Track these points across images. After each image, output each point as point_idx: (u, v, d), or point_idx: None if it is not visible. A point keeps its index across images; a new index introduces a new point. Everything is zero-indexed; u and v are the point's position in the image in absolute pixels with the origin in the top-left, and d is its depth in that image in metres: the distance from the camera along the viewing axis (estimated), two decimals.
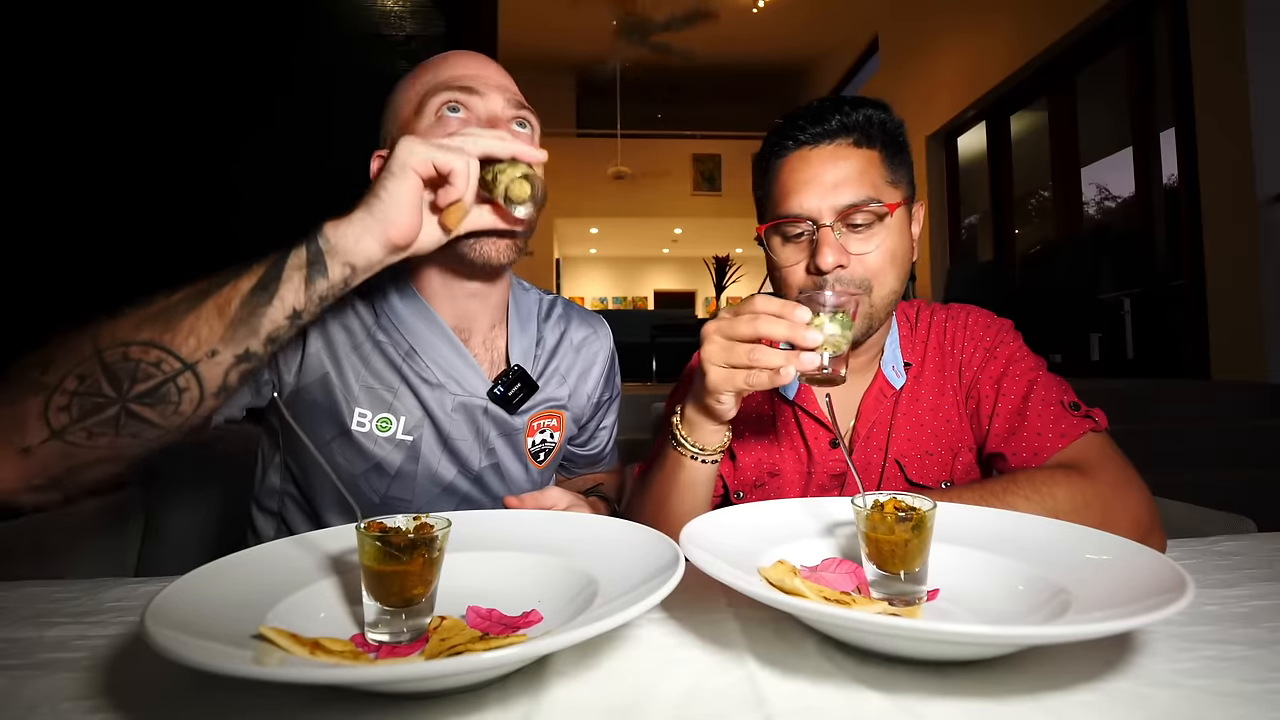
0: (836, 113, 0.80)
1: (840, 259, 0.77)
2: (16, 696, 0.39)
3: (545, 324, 0.93)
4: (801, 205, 0.79)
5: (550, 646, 0.34)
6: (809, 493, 0.87)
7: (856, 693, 0.38)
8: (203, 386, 0.57)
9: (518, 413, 0.85)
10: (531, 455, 0.89)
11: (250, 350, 0.58)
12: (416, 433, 0.80)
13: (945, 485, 0.83)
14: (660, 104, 11.28)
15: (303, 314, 0.59)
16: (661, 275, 14.89)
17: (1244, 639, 0.44)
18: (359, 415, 0.78)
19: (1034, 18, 4.60)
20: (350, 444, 0.78)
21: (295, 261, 0.59)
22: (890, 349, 0.88)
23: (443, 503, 0.83)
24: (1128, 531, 0.56)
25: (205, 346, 0.56)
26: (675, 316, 6.64)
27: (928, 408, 0.85)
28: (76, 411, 0.54)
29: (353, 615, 0.47)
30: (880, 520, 0.48)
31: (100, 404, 0.54)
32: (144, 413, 0.56)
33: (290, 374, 0.77)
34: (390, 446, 0.79)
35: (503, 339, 0.87)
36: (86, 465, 0.56)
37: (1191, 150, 3.31)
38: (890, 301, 0.82)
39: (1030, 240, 5.40)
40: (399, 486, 0.80)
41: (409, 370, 0.80)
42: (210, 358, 0.56)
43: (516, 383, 0.84)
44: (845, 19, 8.27)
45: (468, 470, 0.83)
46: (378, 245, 0.60)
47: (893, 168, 0.81)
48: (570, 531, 0.59)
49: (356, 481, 0.79)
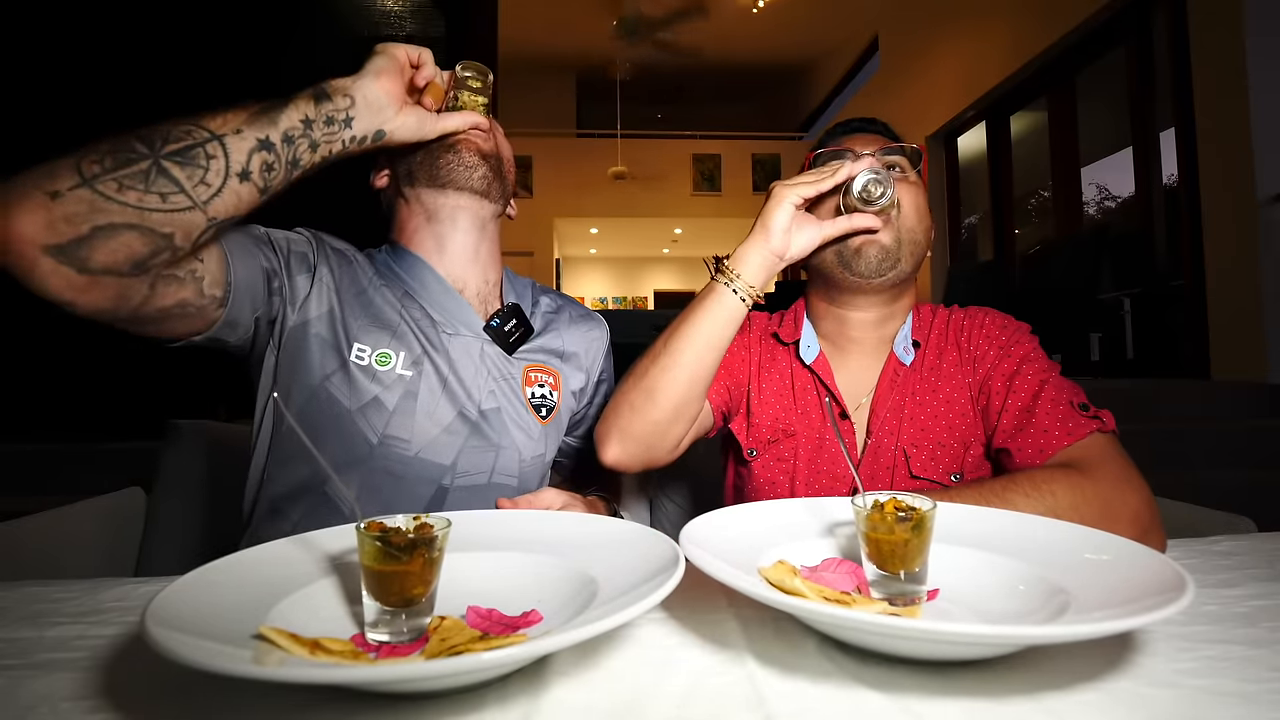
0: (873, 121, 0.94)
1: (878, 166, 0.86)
2: (15, 696, 0.39)
3: (542, 295, 1.01)
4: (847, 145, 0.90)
5: (550, 646, 0.34)
6: (821, 456, 0.89)
7: (856, 693, 0.38)
8: (228, 159, 0.62)
9: (515, 354, 0.89)
10: (533, 407, 0.90)
11: (269, 139, 0.64)
12: (415, 369, 0.82)
13: (955, 478, 0.83)
14: (660, 104, 11.29)
15: (314, 123, 0.67)
16: (661, 275, 14.88)
17: (1244, 639, 0.44)
18: (358, 349, 0.80)
19: (1034, 18, 4.60)
20: (349, 378, 0.79)
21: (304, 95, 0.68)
22: (902, 331, 0.91)
23: (444, 445, 0.83)
24: (1128, 531, 0.56)
25: (231, 125, 0.62)
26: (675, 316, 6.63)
27: (943, 399, 0.86)
28: (110, 162, 0.56)
29: (353, 615, 0.47)
30: (880, 520, 0.48)
31: (133, 157, 0.57)
32: (174, 170, 0.59)
33: (294, 309, 0.80)
34: (389, 380, 0.80)
35: (496, 295, 0.93)
36: (113, 228, 0.56)
37: (1191, 150, 3.31)
38: (914, 252, 0.88)
39: (1030, 240, 5.39)
40: (397, 424, 0.80)
41: (407, 310, 0.85)
42: (236, 134, 0.62)
43: (512, 317, 0.90)
44: (845, 19, 8.27)
45: (466, 412, 0.84)
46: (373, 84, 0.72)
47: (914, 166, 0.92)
48: (570, 531, 0.59)
49: (354, 420, 0.79)
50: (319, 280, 0.81)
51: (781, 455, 0.90)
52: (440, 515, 0.47)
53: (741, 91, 10.97)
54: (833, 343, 0.94)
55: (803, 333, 0.94)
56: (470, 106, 0.84)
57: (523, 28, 8.12)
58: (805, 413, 0.91)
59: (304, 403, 0.79)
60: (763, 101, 11.23)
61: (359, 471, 0.79)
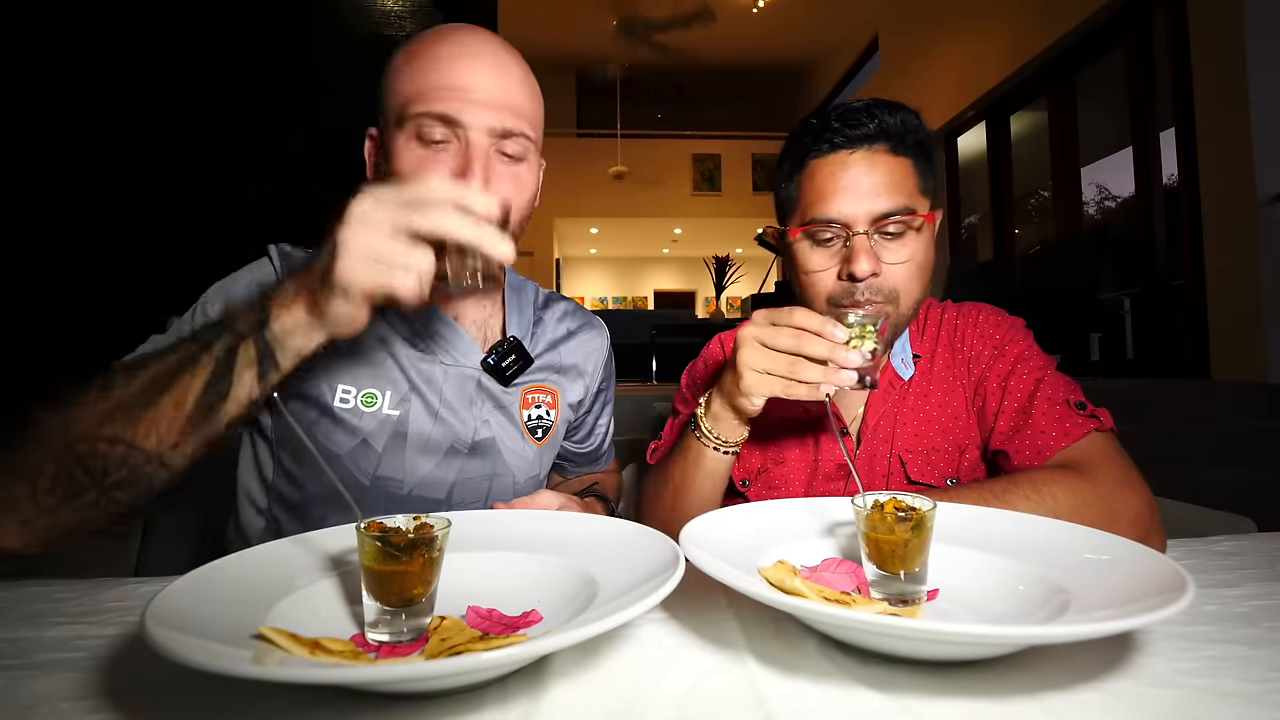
0: (874, 117, 0.78)
1: (875, 267, 0.76)
2: (15, 696, 0.39)
3: (544, 311, 0.95)
4: (839, 210, 0.77)
5: (550, 646, 0.34)
6: (815, 481, 0.88)
7: (856, 693, 0.38)
8: (171, 469, 0.59)
9: (511, 385, 0.85)
10: (529, 430, 0.87)
11: (213, 436, 0.59)
12: (403, 407, 0.78)
13: (951, 482, 0.83)
14: (660, 104, 11.28)
15: (259, 400, 0.60)
16: (661, 275, 14.89)
17: (1244, 639, 0.44)
18: (342, 391, 0.76)
19: (1034, 18, 4.60)
20: (334, 423, 0.76)
21: (244, 360, 0.57)
22: (900, 342, 0.89)
23: (437, 480, 0.81)
24: (1128, 531, 0.56)
25: (167, 440, 0.57)
26: (675, 316, 6.64)
27: (936, 403, 0.86)
28: (61, 495, 0.57)
29: (353, 615, 0.47)
30: (880, 520, 0.48)
31: (80, 489, 0.57)
32: (119, 494, 0.58)
33: None
34: (376, 421, 0.77)
35: (498, 319, 0.88)
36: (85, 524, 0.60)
37: (1191, 150, 3.31)
38: (912, 312, 0.82)
39: (1030, 240, 5.39)
40: (388, 464, 0.78)
41: (396, 342, 0.79)
42: (174, 449, 0.58)
43: (511, 353, 0.83)
44: (845, 19, 8.26)
45: (459, 446, 0.81)
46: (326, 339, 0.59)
47: (924, 177, 0.81)
48: (570, 531, 0.59)
49: (344, 464, 0.77)
50: None
51: (772, 483, 0.89)
52: (440, 515, 0.47)
53: (741, 91, 10.96)
54: None
55: None
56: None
57: (523, 27, 8.10)
58: (795, 438, 0.90)
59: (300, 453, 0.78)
60: (763, 101, 11.22)
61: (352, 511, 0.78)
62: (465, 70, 0.71)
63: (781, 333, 0.67)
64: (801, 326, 0.66)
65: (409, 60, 0.73)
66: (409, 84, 0.72)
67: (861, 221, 0.77)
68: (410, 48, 0.74)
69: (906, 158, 0.79)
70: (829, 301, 0.80)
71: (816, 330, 0.65)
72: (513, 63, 0.75)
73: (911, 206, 0.77)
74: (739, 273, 7.71)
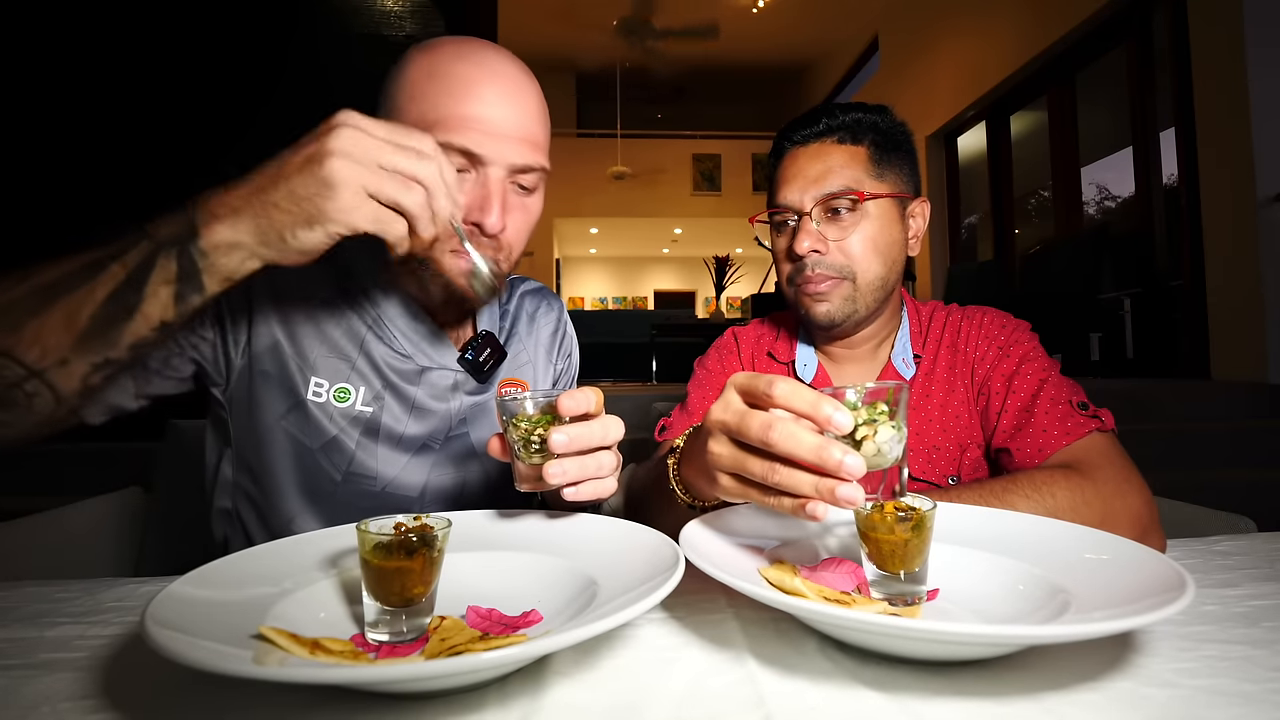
0: (825, 116, 0.87)
1: (816, 244, 0.84)
2: (16, 696, 0.39)
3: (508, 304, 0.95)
4: (786, 197, 0.87)
5: (550, 646, 0.34)
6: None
7: (856, 693, 0.38)
8: (57, 391, 0.53)
9: (488, 380, 0.85)
10: None
11: (110, 358, 0.53)
12: (377, 404, 0.77)
13: (952, 480, 0.83)
14: (660, 104, 11.28)
15: (173, 324, 0.53)
16: (661, 275, 14.89)
17: (1244, 639, 0.44)
18: (315, 385, 0.74)
19: (1034, 17, 4.60)
20: (306, 418, 0.74)
21: (162, 275, 0.51)
22: (900, 342, 0.91)
23: (408, 479, 0.79)
24: (1127, 531, 0.56)
25: (53, 356, 0.51)
26: (675, 316, 6.65)
27: (937, 404, 0.86)
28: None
29: (353, 615, 0.47)
30: (880, 520, 0.48)
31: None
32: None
33: (238, 353, 0.73)
34: (347, 420, 0.76)
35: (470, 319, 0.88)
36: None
37: (1191, 150, 3.31)
38: (877, 288, 0.86)
39: (1030, 240, 5.39)
40: (360, 462, 0.77)
41: (371, 339, 0.78)
42: (61, 365, 0.51)
43: (486, 348, 0.83)
44: (845, 19, 8.27)
45: (433, 443, 0.81)
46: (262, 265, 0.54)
47: (881, 163, 0.86)
48: (570, 531, 0.59)
49: (316, 458, 0.75)
50: (255, 324, 0.73)
51: None
52: (440, 515, 0.47)
53: (741, 91, 10.97)
54: (828, 355, 0.95)
55: (797, 352, 0.94)
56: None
57: (523, 27, 8.12)
58: None
59: (262, 448, 0.75)
60: (763, 101, 11.22)
61: (325, 506, 0.76)
62: (488, 99, 0.69)
63: (754, 421, 0.44)
64: (783, 405, 0.44)
65: (430, 80, 0.69)
66: (430, 107, 0.68)
67: (806, 204, 0.85)
68: (428, 62, 0.70)
69: (859, 146, 0.86)
70: (788, 282, 0.88)
71: (806, 413, 0.44)
72: (530, 88, 0.73)
73: (854, 187, 0.83)
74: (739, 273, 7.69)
